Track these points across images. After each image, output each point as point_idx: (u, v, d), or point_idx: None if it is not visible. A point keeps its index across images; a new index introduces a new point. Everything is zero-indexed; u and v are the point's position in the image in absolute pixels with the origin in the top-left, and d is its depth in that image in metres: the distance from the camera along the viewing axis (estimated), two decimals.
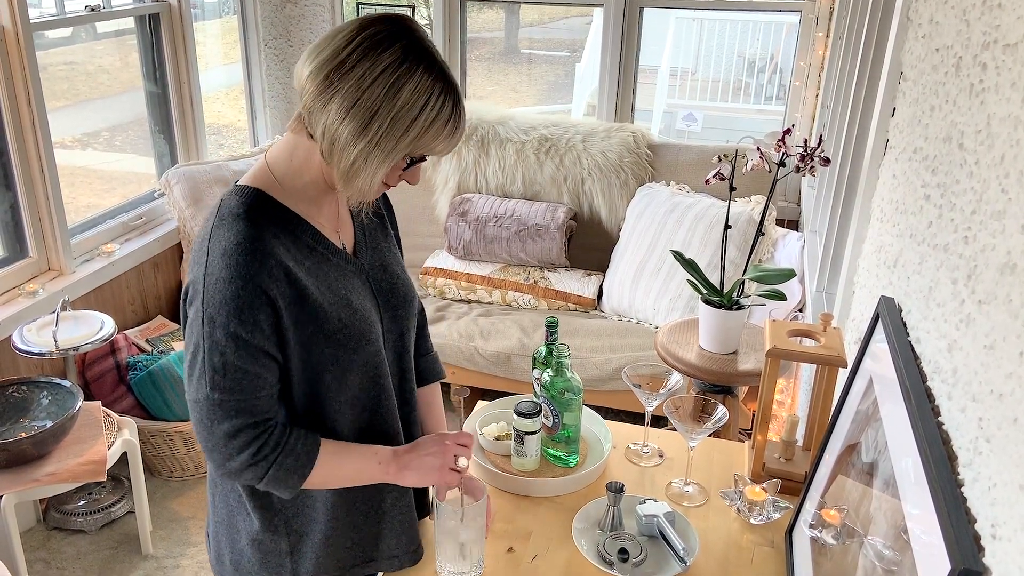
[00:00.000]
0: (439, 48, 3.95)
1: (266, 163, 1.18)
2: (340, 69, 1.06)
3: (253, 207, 1.13)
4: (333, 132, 1.07)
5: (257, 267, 1.09)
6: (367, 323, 1.21)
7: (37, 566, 2.49)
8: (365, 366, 1.21)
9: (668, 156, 3.41)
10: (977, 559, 0.76)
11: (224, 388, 1.09)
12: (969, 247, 0.98)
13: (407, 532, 1.33)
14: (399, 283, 1.31)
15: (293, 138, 1.16)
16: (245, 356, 1.09)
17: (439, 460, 1.25)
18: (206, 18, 3.85)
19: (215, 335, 1.08)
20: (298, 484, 1.17)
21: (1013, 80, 0.90)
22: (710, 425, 1.45)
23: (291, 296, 1.12)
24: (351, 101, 1.05)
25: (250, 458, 1.12)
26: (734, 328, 2.11)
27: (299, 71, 1.10)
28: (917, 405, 0.97)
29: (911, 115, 1.42)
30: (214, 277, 1.09)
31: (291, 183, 1.17)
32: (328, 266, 1.19)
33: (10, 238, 2.72)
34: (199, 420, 1.12)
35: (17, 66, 2.56)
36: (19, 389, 2.38)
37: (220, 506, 1.29)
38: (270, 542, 1.25)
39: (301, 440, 1.16)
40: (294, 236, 1.16)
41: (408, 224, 3.70)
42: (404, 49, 1.06)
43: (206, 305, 1.09)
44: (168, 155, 3.43)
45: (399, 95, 1.06)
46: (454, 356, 3.07)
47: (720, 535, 1.40)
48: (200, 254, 1.12)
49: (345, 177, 1.10)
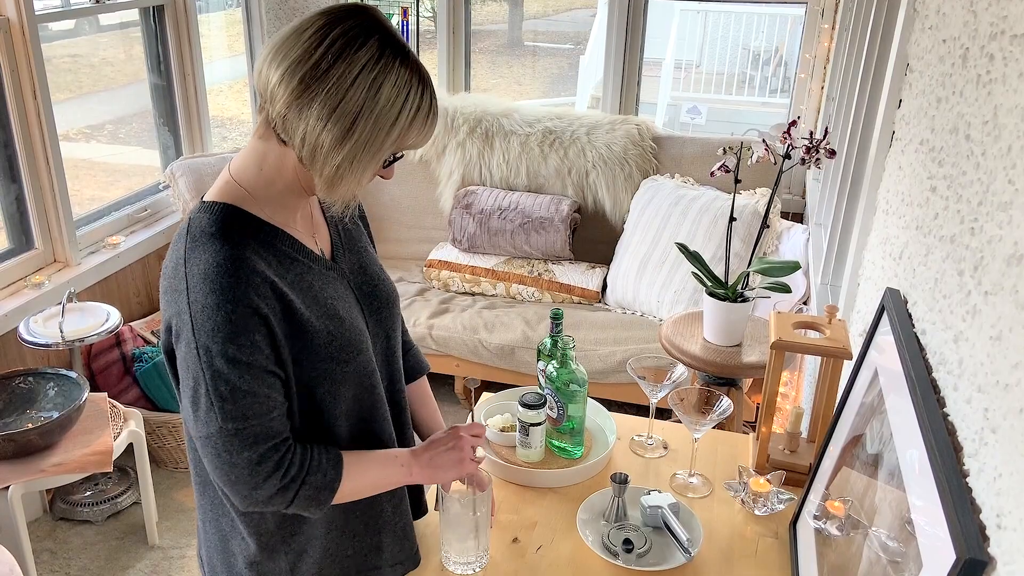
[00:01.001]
0: (443, 41, 3.93)
1: (231, 176, 1.11)
2: (315, 72, 1.00)
3: (226, 223, 1.06)
4: (315, 139, 1.02)
5: (244, 287, 1.03)
6: (356, 332, 1.17)
7: (44, 556, 2.50)
8: (358, 376, 1.17)
9: (673, 149, 3.40)
10: (982, 549, 0.76)
11: (236, 416, 1.04)
12: (976, 238, 0.98)
13: (408, 536, 1.32)
14: (380, 284, 1.27)
15: (261, 145, 1.09)
16: (250, 380, 1.04)
17: (458, 453, 1.23)
18: (210, 10, 3.84)
19: (215, 365, 1.02)
20: (329, 500, 1.12)
21: (1021, 71, 0.90)
22: (714, 417, 1.45)
23: (280, 311, 1.07)
24: (332, 106, 1.00)
25: (278, 482, 1.07)
26: (738, 320, 2.11)
27: (263, 73, 1.03)
28: (923, 396, 0.97)
29: (917, 107, 1.42)
30: (200, 305, 1.02)
31: (263, 193, 1.10)
32: (311, 275, 1.14)
33: (16, 230, 2.73)
34: (216, 455, 1.06)
35: (22, 59, 2.56)
36: (25, 380, 2.39)
37: (212, 532, 1.24)
38: (269, 562, 1.21)
39: (324, 455, 1.12)
40: (272, 248, 1.10)
41: (413, 217, 3.70)
42: (380, 44, 1.02)
43: (198, 335, 1.02)
44: (173, 147, 3.43)
45: (380, 94, 1.01)
46: (458, 348, 3.07)
47: (724, 526, 1.40)
48: (177, 281, 1.05)
49: (329, 183, 1.05)
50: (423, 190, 3.65)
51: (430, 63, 4.03)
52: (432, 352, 3.09)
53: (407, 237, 3.72)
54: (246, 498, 1.08)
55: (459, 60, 3.89)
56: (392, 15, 3.83)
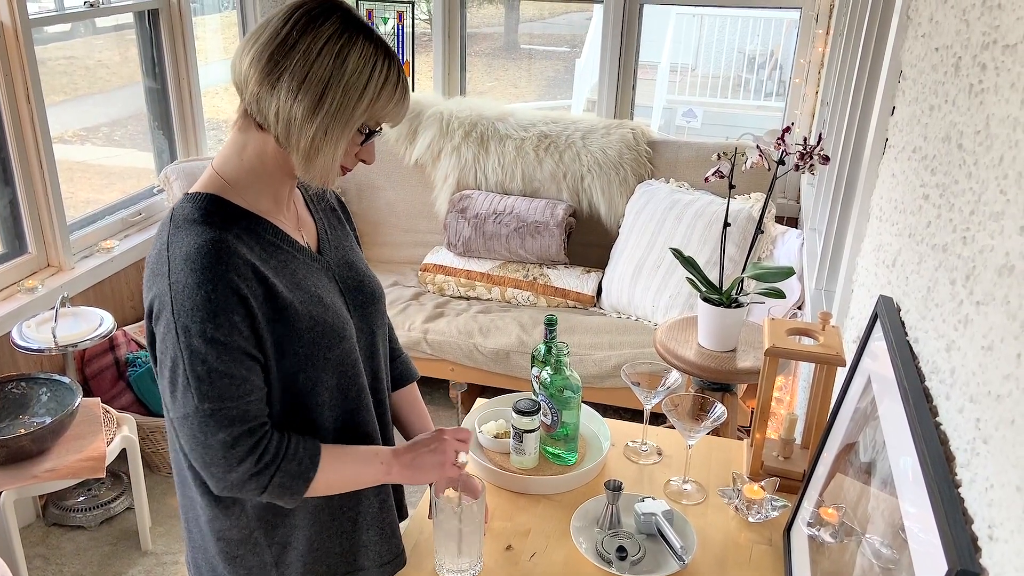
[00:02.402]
0: (439, 44, 3.93)
1: (214, 169, 1.14)
2: (283, 48, 1.04)
3: (209, 211, 1.09)
4: (287, 113, 1.05)
5: (224, 267, 1.04)
6: (340, 319, 1.18)
7: (36, 562, 2.49)
8: (340, 364, 1.18)
9: (668, 153, 3.40)
10: (974, 560, 0.76)
11: (213, 397, 1.05)
12: (968, 248, 0.98)
13: (395, 535, 1.32)
14: (366, 280, 1.28)
15: (240, 136, 1.12)
16: (228, 360, 1.04)
17: (440, 457, 1.23)
18: (205, 13, 3.84)
19: (192, 344, 1.03)
20: (303, 489, 1.12)
21: (1012, 81, 0.90)
22: (708, 423, 1.45)
23: (261, 294, 1.08)
24: (300, 77, 1.03)
25: (253, 467, 1.07)
26: (733, 326, 2.12)
27: (237, 64, 1.08)
28: (915, 405, 0.97)
29: (910, 114, 1.42)
30: (180, 285, 1.04)
31: (245, 182, 1.13)
32: (295, 263, 1.16)
33: (9, 234, 2.72)
34: (192, 436, 1.06)
35: (16, 61, 2.56)
36: (18, 385, 2.38)
37: (194, 531, 1.24)
38: (252, 557, 1.21)
39: (301, 444, 1.12)
40: (256, 235, 1.12)
41: (408, 220, 3.69)
42: (342, 20, 1.06)
43: (177, 315, 1.03)
44: (167, 151, 3.43)
45: (347, 63, 1.05)
46: (453, 353, 3.07)
47: (718, 533, 1.40)
48: (159, 265, 1.07)
49: (306, 157, 1.08)
50: (418, 194, 3.65)
51: (426, 66, 4.03)
52: (427, 357, 3.09)
53: (402, 241, 3.72)
54: (220, 481, 1.09)
55: (455, 63, 3.89)
56: (388, 19, 3.83)
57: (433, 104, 3.58)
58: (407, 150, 3.60)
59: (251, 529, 1.19)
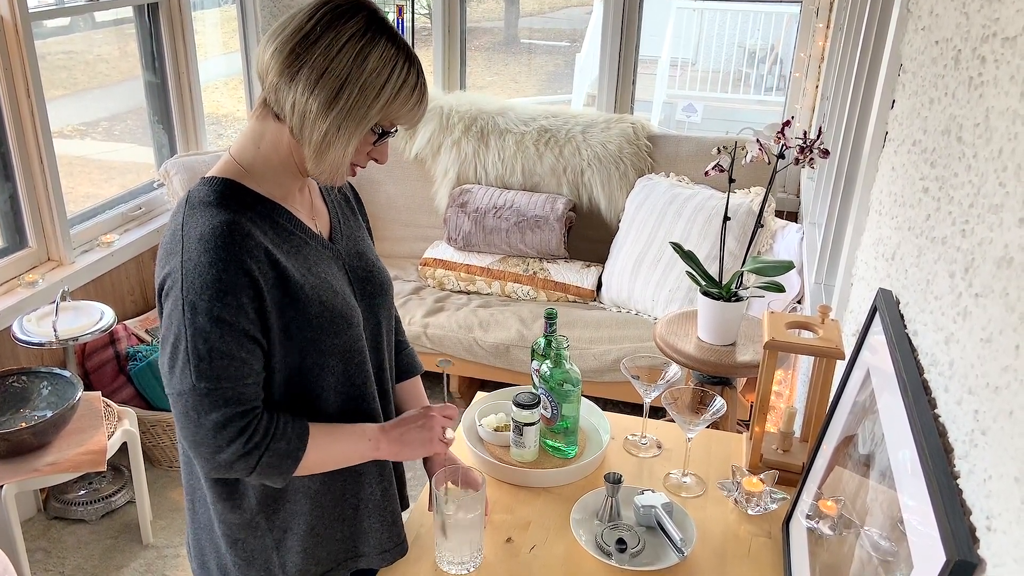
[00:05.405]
0: (439, 39, 3.93)
1: (231, 155, 1.16)
2: (305, 41, 1.05)
3: (225, 195, 1.11)
4: (303, 106, 1.06)
5: (238, 248, 1.06)
6: (348, 306, 1.19)
7: (38, 555, 2.50)
8: (347, 351, 1.19)
9: (668, 147, 3.40)
10: (972, 551, 0.76)
11: (210, 376, 1.06)
12: (967, 240, 0.98)
13: (397, 523, 1.33)
14: (375, 271, 1.30)
15: (258, 125, 1.14)
16: (230, 341, 1.06)
17: (427, 432, 1.25)
18: (205, 7, 3.83)
19: (197, 321, 1.04)
20: (292, 469, 1.13)
21: (1012, 74, 0.90)
22: (708, 416, 1.46)
23: (273, 278, 1.10)
24: (319, 72, 1.05)
25: (241, 447, 1.08)
26: (732, 320, 2.12)
27: (260, 55, 1.09)
28: (914, 397, 0.97)
29: (910, 107, 1.42)
30: (192, 263, 1.05)
31: (260, 170, 1.15)
32: (307, 249, 1.18)
33: (10, 228, 2.72)
34: (184, 413, 1.08)
35: (16, 56, 2.55)
36: (19, 379, 2.38)
37: (200, 511, 1.25)
38: (254, 540, 1.22)
39: (290, 424, 1.13)
40: (271, 220, 1.14)
41: (408, 215, 3.69)
42: (367, 19, 1.07)
43: (186, 292, 1.05)
44: (167, 145, 3.42)
45: (367, 62, 1.06)
46: (453, 347, 3.07)
47: (717, 526, 1.41)
48: (174, 244, 1.08)
49: (317, 151, 1.09)
50: (418, 188, 3.65)
51: (426, 61, 4.02)
52: (427, 351, 3.09)
53: (402, 235, 3.72)
54: (208, 461, 1.10)
55: (455, 58, 3.89)
56: (388, 13, 3.82)
57: (433, 99, 3.58)
58: (407, 144, 3.60)
59: (253, 513, 1.21)
